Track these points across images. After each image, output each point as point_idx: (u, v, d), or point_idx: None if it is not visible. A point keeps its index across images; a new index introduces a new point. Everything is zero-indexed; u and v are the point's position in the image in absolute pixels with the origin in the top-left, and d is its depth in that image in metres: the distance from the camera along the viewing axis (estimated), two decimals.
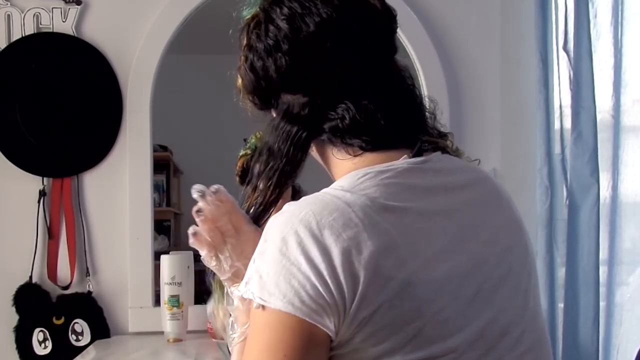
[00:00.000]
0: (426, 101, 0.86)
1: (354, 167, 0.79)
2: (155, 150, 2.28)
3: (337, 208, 0.70)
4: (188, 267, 1.96)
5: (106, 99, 2.04)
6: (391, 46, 0.85)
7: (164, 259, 1.91)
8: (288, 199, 0.86)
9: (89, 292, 2.00)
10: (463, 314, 0.71)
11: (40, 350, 1.95)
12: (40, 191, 2.00)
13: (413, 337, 0.68)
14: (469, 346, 0.71)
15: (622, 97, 1.61)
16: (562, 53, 1.76)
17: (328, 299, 0.67)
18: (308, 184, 0.88)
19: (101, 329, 1.99)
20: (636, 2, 1.58)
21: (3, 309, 1.95)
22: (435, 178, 0.78)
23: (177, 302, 1.88)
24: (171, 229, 4.23)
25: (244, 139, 2.20)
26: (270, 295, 0.68)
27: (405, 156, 0.78)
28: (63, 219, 2.02)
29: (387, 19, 0.84)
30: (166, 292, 1.89)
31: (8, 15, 2.00)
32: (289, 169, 0.81)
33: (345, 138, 0.80)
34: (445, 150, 0.83)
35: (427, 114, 0.85)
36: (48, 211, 2.01)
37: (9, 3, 2.01)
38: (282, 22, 0.80)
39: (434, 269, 0.70)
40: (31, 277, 1.97)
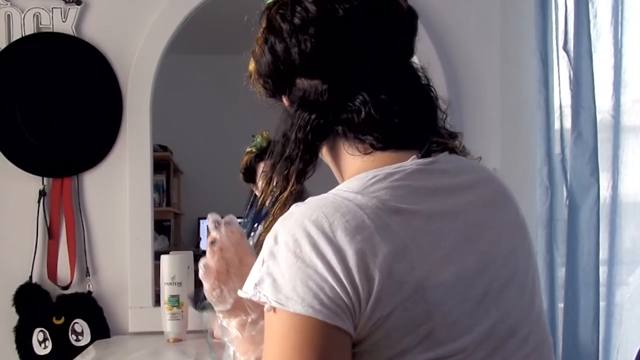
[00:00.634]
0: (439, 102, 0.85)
1: (363, 166, 0.78)
2: (155, 150, 2.28)
3: (350, 210, 0.69)
4: (188, 267, 1.96)
5: (106, 99, 2.04)
6: (411, 46, 0.85)
7: (164, 259, 1.92)
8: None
9: (89, 292, 2.00)
10: (471, 315, 0.71)
11: (40, 350, 1.95)
12: (40, 191, 2.00)
13: (424, 339, 0.68)
14: (477, 346, 0.71)
15: (622, 97, 1.61)
16: (562, 53, 1.76)
17: (345, 300, 0.66)
18: (310, 184, 0.87)
19: (101, 329, 1.99)
20: (636, 2, 1.58)
21: (3, 309, 1.95)
22: (442, 179, 0.77)
23: (177, 302, 1.88)
24: (171, 229, 4.23)
25: (253, 136, 2.21)
26: (287, 299, 0.67)
27: (413, 157, 0.78)
28: (63, 219, 2.02)
29: (411, 20, 0.84)
30: (166, 292, 1.89)
31: (8, 15, 2.00)
32: (308, 158, 0.80)
33: (358, 133, 0.79)
34: (453, 150, 0.83)
35: (440, 114, 0.84)
36: (48, 211, 2.01)
37: (9, 3, 2.01)
38: (311, 5, 0.79)
39: (444, 272, 0.70)
40: (31, 277, 1.97)
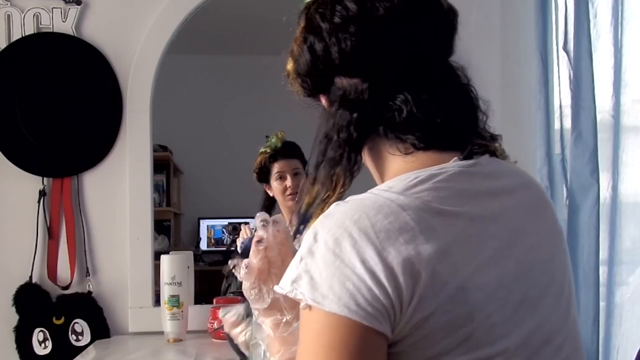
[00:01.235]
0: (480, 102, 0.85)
1: (405, 166, 0.78)
2: (155, 150, 2.28)
3: (392, 211, 0.69)
4: (188, 267, 1.97)
5: (106, 99, 2.04)
6: (451, 45, 0.85)
7: (164, 259, 1.92)
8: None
9: (89, 292, 2.00)
10: (509, 320, 0.71)
11: (40, 350, 1.95)
12: (40, 191, 2.00)
13: (463, 341, 0.68)
14: (514, 352, 0.71)
15: (622, 97, 1.61)
16: (562, 53, 1.76)
17: (384, 302, 0.66)
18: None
19: (101, 329, 1.99)
20: (636, 2, 1.58)
21: (3, 309, 1.95)
22: (483, 182, 0.77)
23: (177, 302, 1.88)
24: (171, 229, 4.24)
25: (267, 136, 2.20)
26: (323, 297, 0.67)
27: (455, 158, 0.77)
28: (63, 219, 2.02)
29: (451, 18, 0.84)
30: (166, 292, 1.89)
31: (8, 15, 2.00)
32: (354, 157, 0.79)
33: (399, 132, 0.78)
34: (494, 153, 0.82)
35: (480, 115, 0.84)
36: (48, 211, 2.01)
37: (9, 3, 2.01)
38: (351, 3, 0.79)
39: (484, 275, 0.70)
40: (31, 277, 1.97)
